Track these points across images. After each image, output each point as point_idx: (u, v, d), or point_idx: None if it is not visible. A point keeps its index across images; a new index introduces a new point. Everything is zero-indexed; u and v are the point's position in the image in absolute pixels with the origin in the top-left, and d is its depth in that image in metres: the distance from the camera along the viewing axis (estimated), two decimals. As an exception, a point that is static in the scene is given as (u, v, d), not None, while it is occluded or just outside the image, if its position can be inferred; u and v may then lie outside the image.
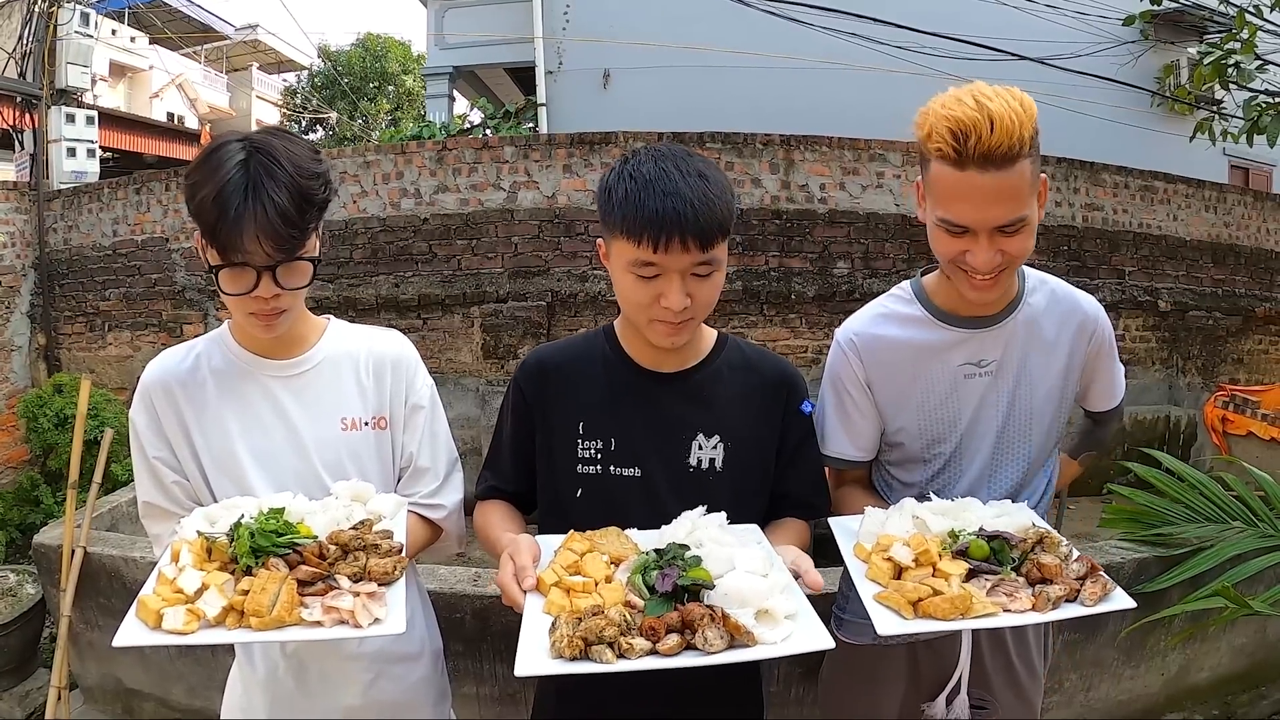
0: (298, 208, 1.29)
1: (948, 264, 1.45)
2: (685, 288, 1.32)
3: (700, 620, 1.12)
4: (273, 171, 1.28)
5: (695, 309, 1.34)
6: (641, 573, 1.23)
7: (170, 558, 1.23)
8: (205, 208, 1.26)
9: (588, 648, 1.09)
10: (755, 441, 1.50)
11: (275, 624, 1.14)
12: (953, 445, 1.59)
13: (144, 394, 1.44)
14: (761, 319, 7.05)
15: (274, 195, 1.26)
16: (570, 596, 1.20)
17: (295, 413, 1.47)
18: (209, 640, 1.14)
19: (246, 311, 1.36)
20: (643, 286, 1.33)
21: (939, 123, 1.32)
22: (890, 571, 1.29)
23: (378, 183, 7.07)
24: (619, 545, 1.30)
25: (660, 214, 1.27)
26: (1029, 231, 1.37)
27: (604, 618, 1.12)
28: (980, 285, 1.42)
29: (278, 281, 1.32)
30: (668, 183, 1.29)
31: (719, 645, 1.10)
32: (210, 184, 1.26)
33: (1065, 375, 1.58)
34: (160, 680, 2.94)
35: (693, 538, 1.28)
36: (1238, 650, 3.02)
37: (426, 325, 7.08)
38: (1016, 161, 1.30)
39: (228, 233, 1.26)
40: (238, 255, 1.28)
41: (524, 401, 1.52)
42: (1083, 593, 1.24)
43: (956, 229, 1.37)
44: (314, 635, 1.15)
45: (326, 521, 1.30)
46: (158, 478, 1.44)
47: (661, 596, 1.18)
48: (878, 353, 1.58)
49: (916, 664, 1.69)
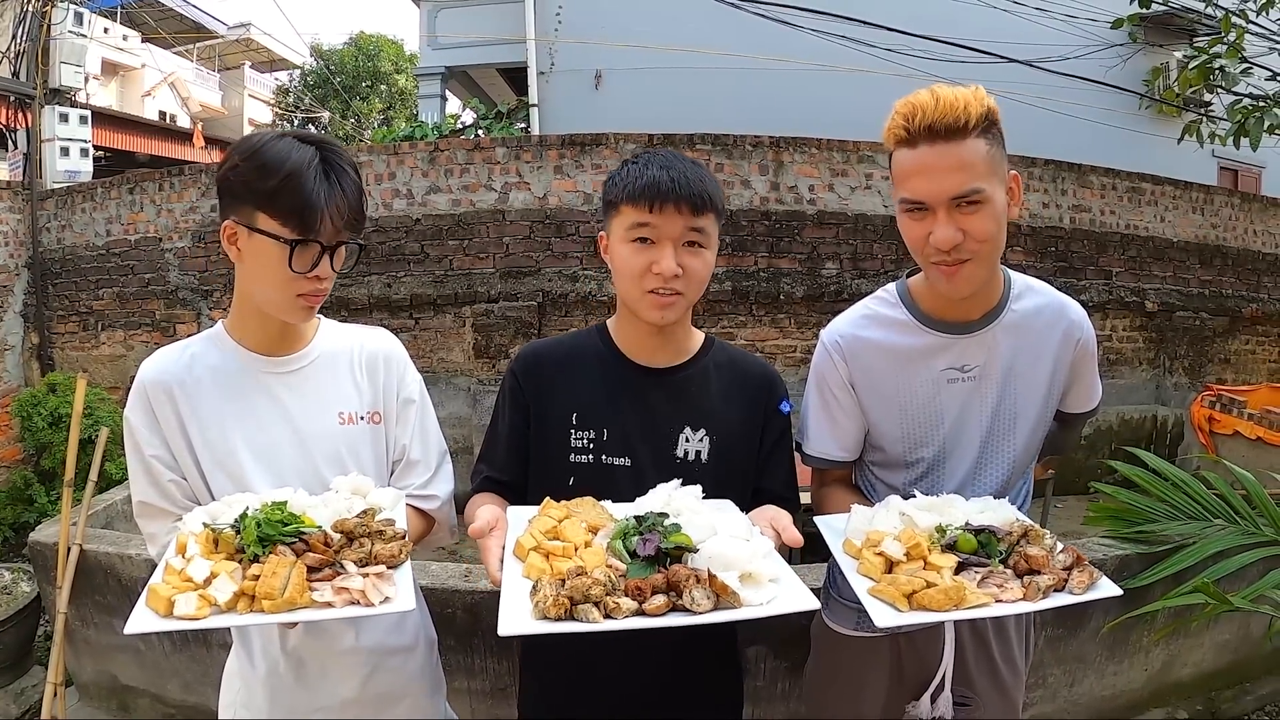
0: (359, 191, 1.40)
1: (919, 256, 1.47)
2: (677, 256, 1.42)
3: (686, 581, 1.13)
4: (341, 162, 1.37)
5: (686, 282, 1.44)
6: (622, 538, 1.25)
7: (176, 550, 1.24)
8: (290, 189, 1.31)
9: (573, 607, 1.09)
10: (738, 436, 1.56)
11: (287, 606, 1.15)
12: (934, 450, 1.60)
13: (140, 392, 1.45)
14: (750, 319, 7.08)
15: (347, 182, 1.37)
16: (550, 560, 1.20)
17: (294, 408, 1.49)
18: (222, 624, 1.16)
19: (296, 294, 1.39)
20: (638, 253, 1.44)
21: (895, 114, 1.41)
22: (882, 566, 1.31)
23: (370, 183, 7.05)
24: (595, 514, 1.33)
25: (657, 180, 1.41)
26: (990, 214, 1.38)
27: (589, 578, 1.11)
28: (947, 273, 1.43)
29: (332, 263, 1.39)
30: (664, 159, 1.46)
31: (706, 605, 1.11)
32: (287, 167, 1.32)
33: (1050, 381, 1.59)
34: (155, 676, 2.94)
35: (670, 507, 1.32)
36: (1221, 646, 3.05)
37: (418, 325, 7.08)
38: (965, 136, 1.36)
39: (311, 209, 1.32)
40: (312, 232, 1.33)
41: (520, 391, 1.58)
42: (1070, 581, 1.26)
43: (915, 207, 1.42)
44: (327, 615, 1.17)
45: (329, 514, 1.32)
46: (154, 476, 1.45)
47: (644, 561, 1.20)
48: (861, 355, 1.60)
49: (900, 661, 1.70)
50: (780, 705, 2.56)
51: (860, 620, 1.68)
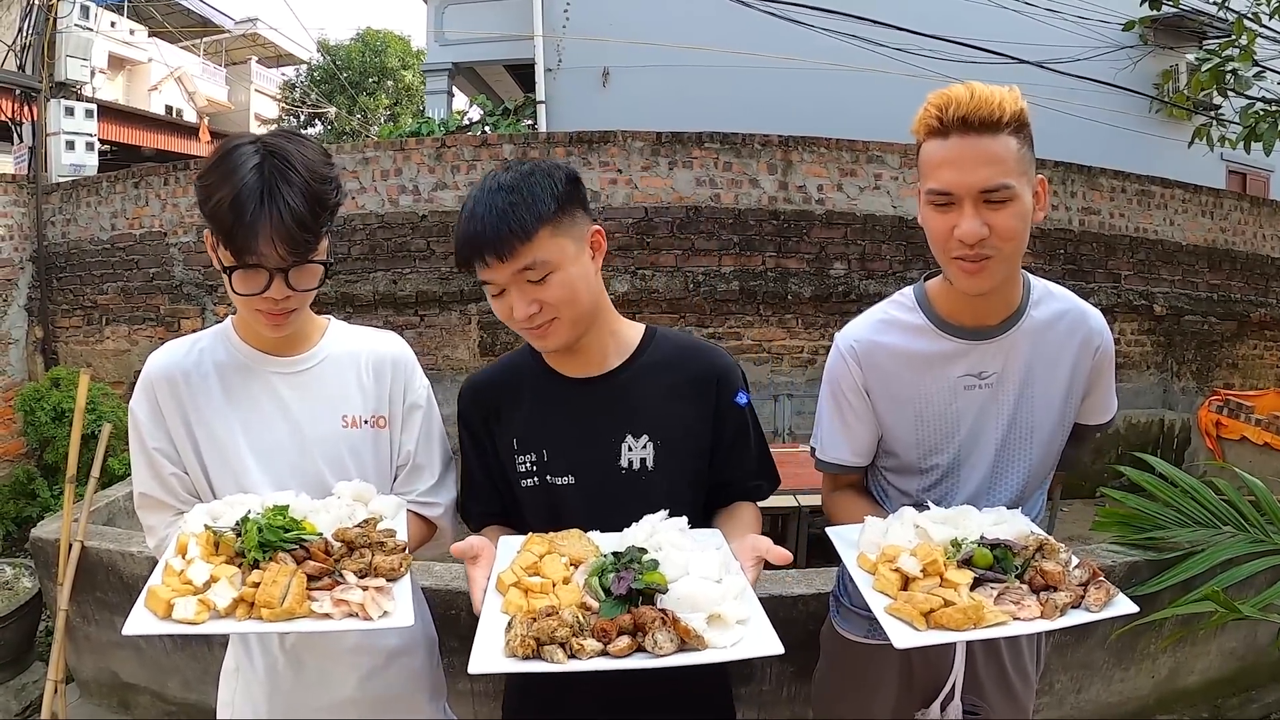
0: (311, 212, 1.31)
1: (940, 250, 1.43)
2: (525, 296, 1.35)
3: (651, 623, 1.13)
4: (287, 175, 1.29)
5: (553, 311, 1.37)
6: (599, 575, 1.25)
7: (176, 550, 1.24)
8: (221, 211, 1.27)
9: (540, 647, 1.11)
10: (686, 437, 1.50)
11: (286, 615, 1.16)
12: (949, 457, 1.58)
13: (146, 385, 1.45)
14: (758, 319, 7.06)
15: (289, 200, 1.28)
16: (528, 597, 1.21)
17: (297, 409, 1.48)
18: (221, 630, 1.17)
19: (255, 309, 1.38)
20: (497, 304, 1.40)
21: (927, 105, 1.39)
22: (898, 582, 1.28)
23: (376, 179, 7.06)
24: (579, 548, 1.32)
25: (463, 240, 1.36)
26: (1017, 212, 1.36)
27: (556, 618, 1.13)
28: (968, 269, 1.40)
29: (289, 283, 1.34)
30: (471, 208, 1.36)
31: (668, 648, 1.12)
32: (226, 187, 1.27)
33: (1068, 390, 1.56)
34: (156, 674, 2.95)
35: (652, 541, 1.30)
36: (1228, 654, 3.02)
37: (424, 322, 7.08)
38: (998, 132, 1.34)
39: (243, 236, 1.27)
40: (252, 258, 1.30)
41: (471, 426, 1.56)
42: (1087, 598, 1.24)
43: (943, 199, 1.38)
44: (325, 626, 1.18)
45: (329, 520, 1.32)
46: (155, 469, 1.45)
47: (616, 599, 1.19)
48: (877, 360, 1.58)
49: (910, 668, 1.69)
50: (785, 708, 2.55)
51: (871, 628, 1.66)
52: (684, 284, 6.93)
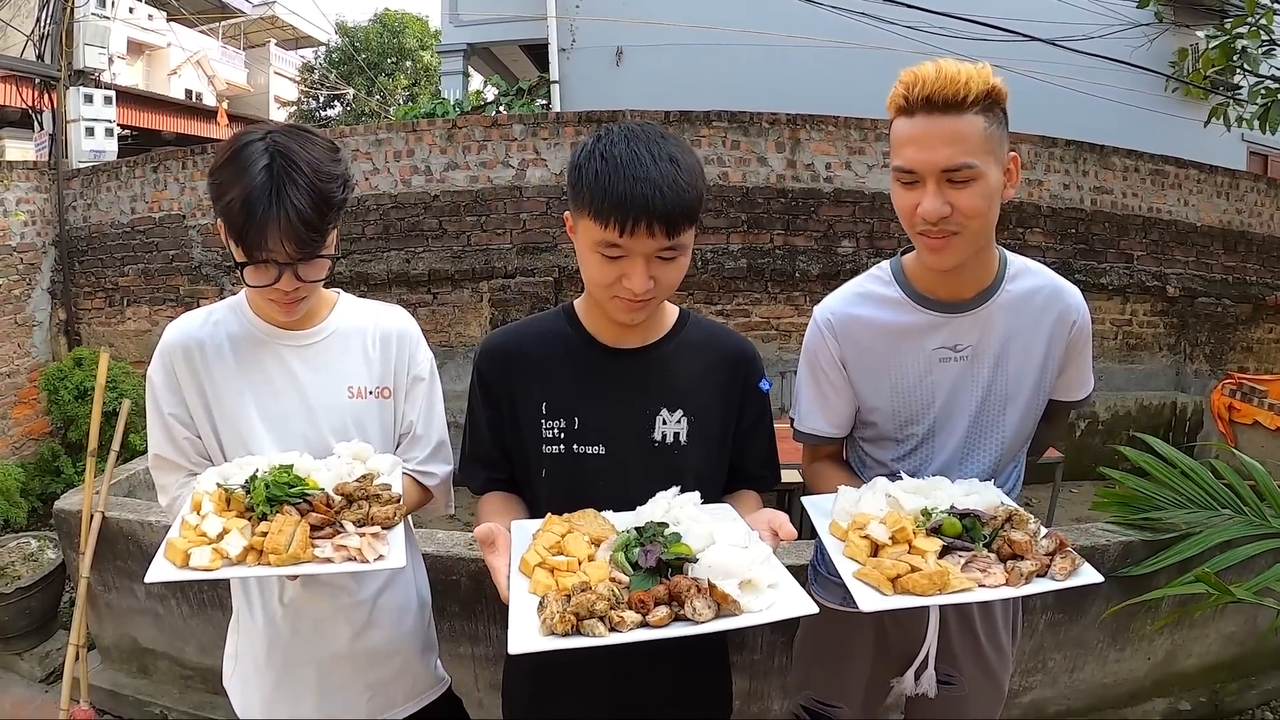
0: (318, 211, 1.37)
1: (907, 226, 1.47)
2: (649, 270, 1.32)
3: (688, 592, 1.15)
4: (294, 177, 1.35)
5: (658, 290, 1.35)
6: (624, 550, 1.26)
7: (191, 507, 1.34)
8: (233, 211, 1.34)
9: (579, 623, 1.11)
10: (716, 416, 1.51)
11: (292, 560, 1.26)
12: (925, 427, 1.61)
13: (164, 354, 1.53)
14: (766, 296, 7.05)
15: (296, 201, 1.34)
16: (555, 576, 1.22)
17: (306, 380, 1.56)
18: (233, 574, 1.26)
19: (267, 299, 1.46)
20: (607, 266, 1.34)
21: (897, 83, 1.41)
22: (867, 549, 1.33)
23: (389, 160, 7.09)
24: (597, 526, 1.33)
25: (629, 199, 1.25)
26: (980, 191, 1.38)
27: (593, 593, 1.13)
28: (932, 244, 1.43)
29: (298, 276, 1.41)
30: (638, 167, 1.27)
31: (707, 615, 1.13)
32: (237, 187, 1.34)
33: (1043, 364, 1.59)
34: (173, 639, 3.04)
35: (669, 516, 1.31)
36: (1227, 639, 3.04)
37: (436, 300, 7.13)
38: (963, 111, 1.36)
39: (254, 235, 1.34)
40: (262, 254, 1.37)
41: (488, 386, 1.53)
42: (1053, 567, 1.28)
43: (907, 176, 1.41)
44: (326, 569, 1.28)
45: (330, 477, 1.42)
46: (170, 432, 1.54)
47: (646, 572, 1.21)
48: (853, 333, 1.61)
49: (885, 637, 1.73)
50: (776, 678, 2.60)
51: (846, 597, 1.70)
52: (692, 262, 6.87)
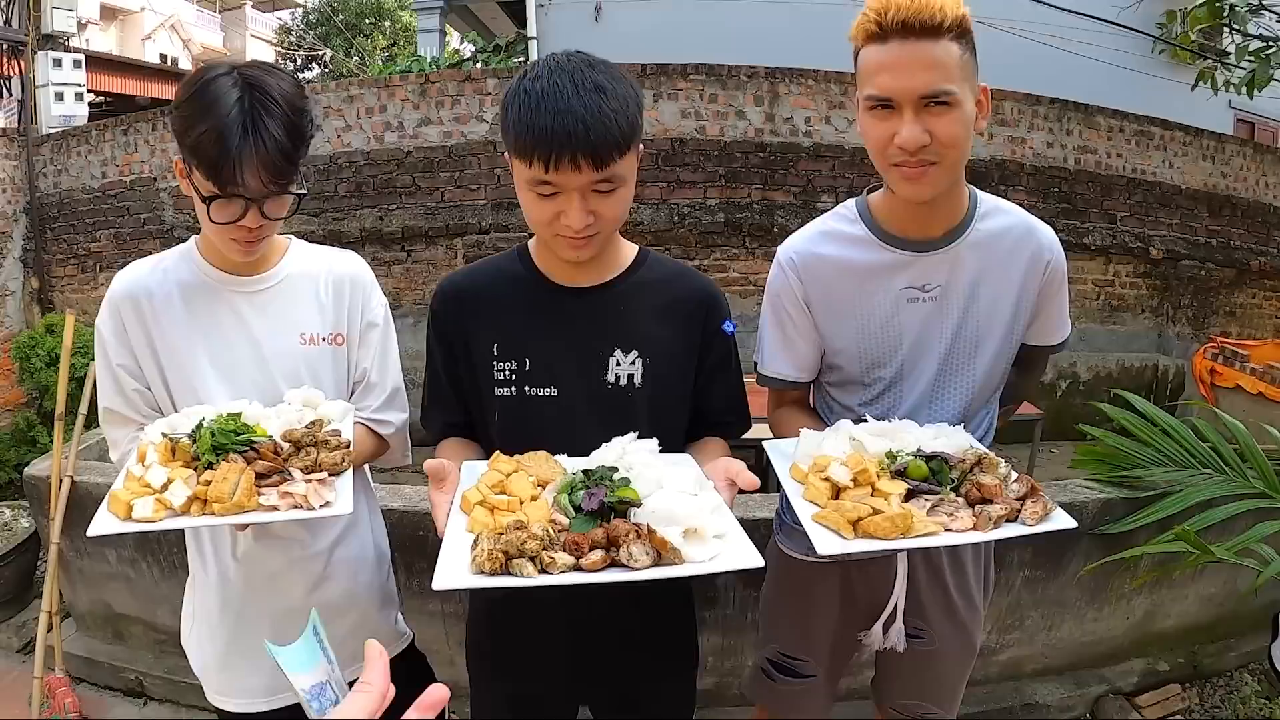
0: (293, 143, 1.35)
1: (880, 158, 1.40)
2: (586, 205, 1.27)
3: (625, 536, 1.08)
4: (269, 108, 1.32)
5: (600, 225, 1.30)
6: (568, 492, 1.21)
7: (137, 458, 1.30)
8: (206, 143, 1.29)
9: (508, 561, 1.06)
10: (673, 358, 1.46)
11: (236, 509, 1.22)
12: (893, 370, 1.55)
13: (111, 304, 1.49)
14: (744, 251, 7.02)
15: (273, 132, 1.31)
16: (494, 515, 1.17)
17: (257, 327, 1.52)
18: (176, 525, 1.23)
19: (228, 238, 1.41)
20: (542, 204, 1.29)
21: (866, 10, 1.34)
22: (828, 492, 1.26)
23: (361, 116, 7.03)
24: (546, 469, 1.29)
25: (550, 133, 1.21)
26: (959, 118, 1.33)
27: (525, 531, 1.08)
28: (910, 174, 1.37)
29: (264, 212, 1.38)
30: (559, 99, 1.22)
31: (644, 561, 1.07)
32: (208, 119, 1.29)
33: (1015, 306, 1.52)
34: (146, 604, 3.01)
35: (623, 462, 1.26)
36: (1206, 600, 3.02)
37: (411, 257, 7.11)
38: (939, 36, 1.30)
39: (229, 167, 1.30)
40: (235, 188, 1.33)
41: (442, 328, 1.50)
42: (1023, 512, 1.22)
43: (882, 104, 1.35)
44: (272, 517, 1.24)
45: (280, 425, 1.39)
46: (119, 384, 1.51)
47: (587, 515, 1.15)
48: (817, 272, 1.54)
49: (851, 589, 1.68)
50: (750, 634, 2.58)
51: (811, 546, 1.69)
52: (669, 216, 6.88)
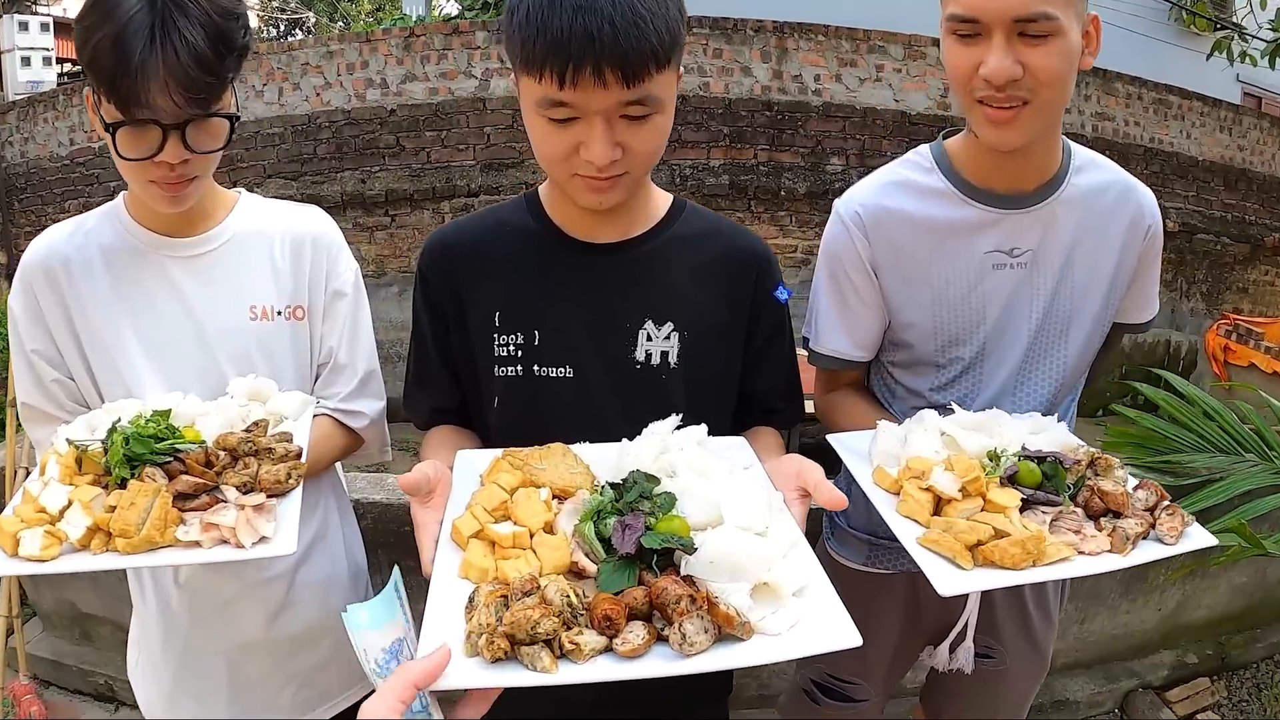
0: (215, 51, 1.11)
1: (962, 92, 1.20)
2: (612, 135, 1.01)
3: (676, 605, 0.78)
4: (185, 8, 1.10)
5: (629, 162, 1.04)
6: (594, 519, 0.91)
7: (39, 472, 1.06)
8: (102, 52, 1.07)
9: (515, 648, 0.77)
10: (718, 330, 1.22)
11: (146, 545, 0.96)
12: (973, 350, 1.35)
13: (23, 277, 1.28)
14: (749, 215, 6.83)
15: (187, 35, 1.09)
16: (495, 553, 0.90)
17: (196, 299, 1.29)
18: (68, 568, 0.96)
19: (148, 179, 1.18)
20: (557, 134, 1.02)
21: None
22: (929, 505, 1.02)
23: (341, 73, 6.78)
24: (565, 472, 1.00)
25: (567, 36, 0.94)
26: (1061, 49, 1.12)
27: (538, 603, 0.78)
28: (996, 116, 1.16)
29: (187, 144, 1.14)
30: None
31: (702, 643, 0.76)
32: (108, 24, 1.07)
33: (1113, 276, 1.34)
34: (112, 603, 2.85)
35: (663, 461, 0.98)
36: (1237, 590, 2.94)
37: (395, 223, 6.89)
38: None
39: (130, 82, 1.07)
40: (142, 110, 1.10)
41: (431, 292, 1.25)
42: (1159, 527, 1.00)
43: (967, 28, 1.14)
44: (190, 558, 0.99)
45: (220, 424, 1.13)
46: (37, 375, 1.29)
47: (621, 559, 0.86)
48: (887, 229, 1.32)
49: (916, 602, 1.50)
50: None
51: (872, 553, 1.48)
52: (670, 177, 6.65)
